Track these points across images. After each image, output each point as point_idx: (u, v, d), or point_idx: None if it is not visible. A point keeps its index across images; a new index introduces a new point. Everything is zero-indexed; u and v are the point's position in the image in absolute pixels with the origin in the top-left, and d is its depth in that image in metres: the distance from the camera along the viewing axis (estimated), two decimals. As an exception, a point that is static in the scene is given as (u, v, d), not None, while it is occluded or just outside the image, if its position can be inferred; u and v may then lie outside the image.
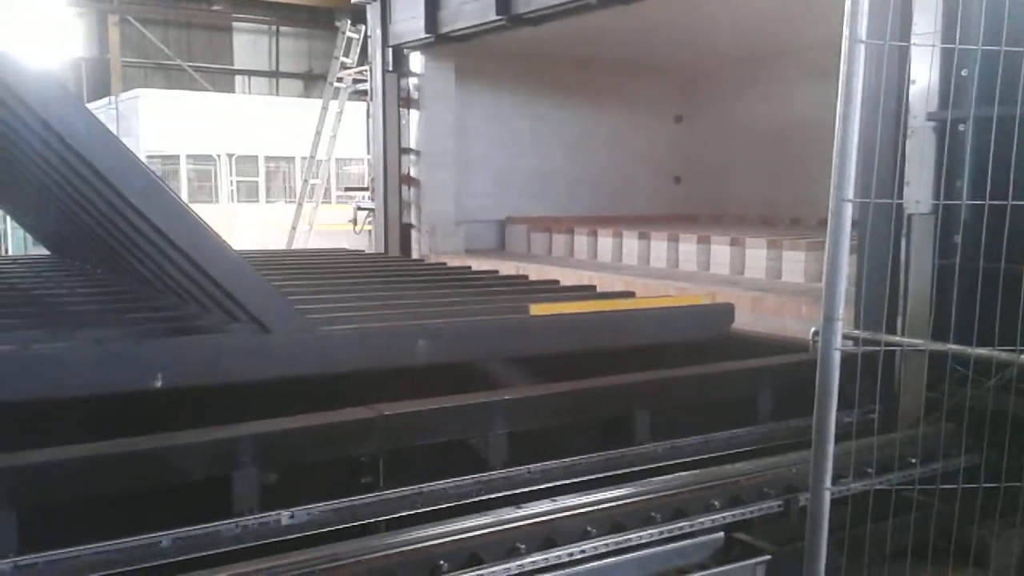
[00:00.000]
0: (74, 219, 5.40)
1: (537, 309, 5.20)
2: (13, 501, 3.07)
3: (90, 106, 23.17)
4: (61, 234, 7.42)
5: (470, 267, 8.18)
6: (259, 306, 4.16)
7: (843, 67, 2.70)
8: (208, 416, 3.65)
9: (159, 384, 3.94)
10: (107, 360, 3.96)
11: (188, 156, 20.91)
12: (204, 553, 3.18)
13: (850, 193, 2.74)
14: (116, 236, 4.69)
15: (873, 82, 4.75)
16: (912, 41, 4.66)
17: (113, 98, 21.79)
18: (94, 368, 3.90)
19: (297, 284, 6.20)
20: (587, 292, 6.47)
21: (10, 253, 17.19)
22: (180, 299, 4.99)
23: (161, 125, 20.45)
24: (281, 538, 3.35)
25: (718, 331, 5.54)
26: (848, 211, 2.75)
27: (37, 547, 3.00)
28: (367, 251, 11.51)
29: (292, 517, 3.42)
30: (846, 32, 2.66)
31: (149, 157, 20.53)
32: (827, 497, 2.94)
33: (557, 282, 7.09)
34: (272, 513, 3.39)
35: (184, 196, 20.80)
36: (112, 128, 20.75)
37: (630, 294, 6.45)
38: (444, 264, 8.54)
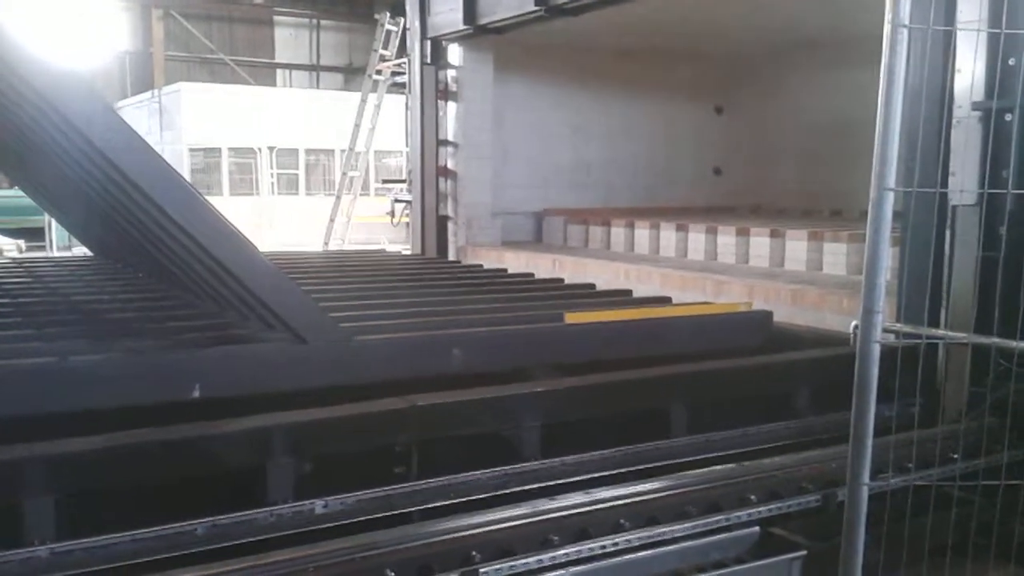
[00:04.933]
0: (115, 226, 5.48)
1: (572, 317, 5.17)
2: (51, 488, 3.12)
3: (133, 100, 23.60)
4: (103, 238, 7.52)
5: (506, 270, 8.17)
6: (295, 317, 4.18)
7: (885, 52, 2.64)
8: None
9: (196, 395, 3.97)
10: (144, 371, 3.98)
11: (229, 149, 21.11)
12: (238, 541, 3.20)
13: (892, 182, 2.68)
14: (156, 244, 4.76)
15: (917, 71, 4.67)
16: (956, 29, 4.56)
17: (156, 92, 22.06)
18: (131, 379, 3.92)
19: (332, 289, 6.22)
20: (623, 298, 6.44)
21: (54, 246, 17.43)
22: (219, 306, 5.03)
23: (203, 118, 20.66)
24: (315, 527, 3.36)
25: (755, 340, 5.49)
26: (889, 200, 2.69)
27: (73, 534, 3.04)
28: (405, 243, 11.56)
29: (326, 506, 3.43)
30: (888, 16, 2.60)
31: (191, 150, 20.80)
32: (864, 492, 2.88)
33: (593, 286, 7.07)
34: (306, 502, 3.41)
35: (225, 189, 21.04)
36: (154, 122, 21.06)
37: (666, 299, 6.41)
38: (480, 266, 8.54)
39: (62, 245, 17.01)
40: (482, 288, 6.62)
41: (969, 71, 4.65)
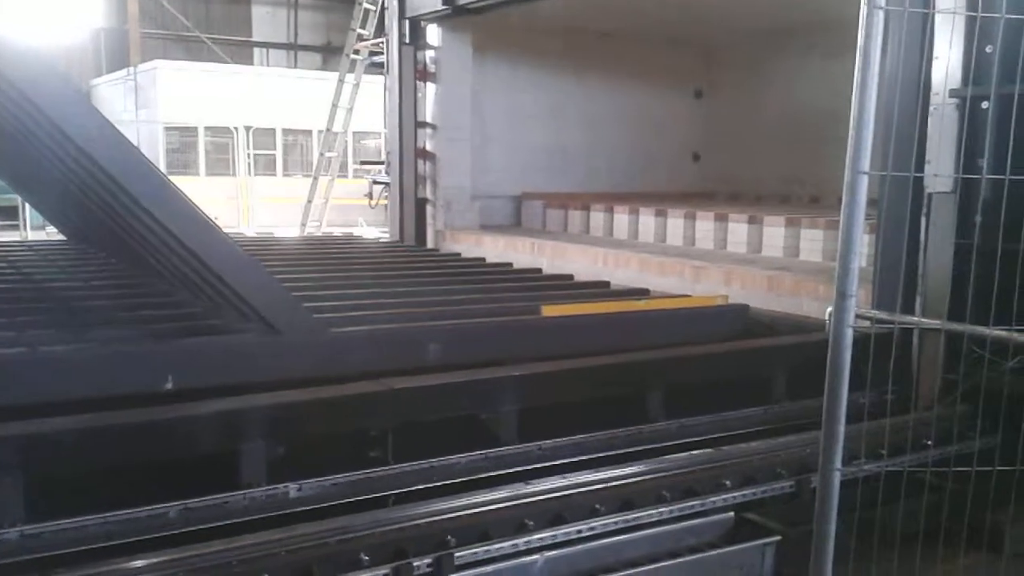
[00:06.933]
0: (89, 213, 5.43)
1: (549, 310, 5.18)
2: (21, 470, 3.08)
3: (108, 77, 23.30)
4: (77, 224, 7.45)
5: (484, 259, 8.17)
6: (269, 307, 4.17)
7: (861, 36, 2.64)
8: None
9: (169, 386, 3.94)
10: (117, 362, 3.96)
11: (206, 128, 20.91)
12: (211, 525, 3.18)
13: (866, 166, 2.68)
14: (129, 233, 4.72)
15: (895, 58, 4.68)
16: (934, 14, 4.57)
17: (131, 69, 21.79)
18: (103, 371, 3.90)
19: (308, 278, 6.20)
20: (600, 289, 6.46)
21: (28, 226, 17.23)
22: (193, 295, 4.99)
23: (179, 97, 20.45)
24: (289, 511, 3.35)
25: (732, 334, 5.54)
26: (864, 184, 2.69)
27: (44, 517, 3.01)
28: (383, 225, 11.50)
29: (300, 490, 3.43)
30: (864, -1, 2.61)
31: (167, 129, 20.59)
32: (836, 478, 2.90)
33: (571, 277, 7.08)
34: (280, 486, 3.40)
35: (202, 169, 20.86)
36: (130, 100, 20.82)
37: (644, 292, 6.43)
38: (458, 255, 8.54)
39: (36, 225, 16.82)
40: (459, 279, 6.63)
41: (946, 58, 4.66)
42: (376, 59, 13.66)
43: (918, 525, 3.54)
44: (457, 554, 3.11)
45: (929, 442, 4.21)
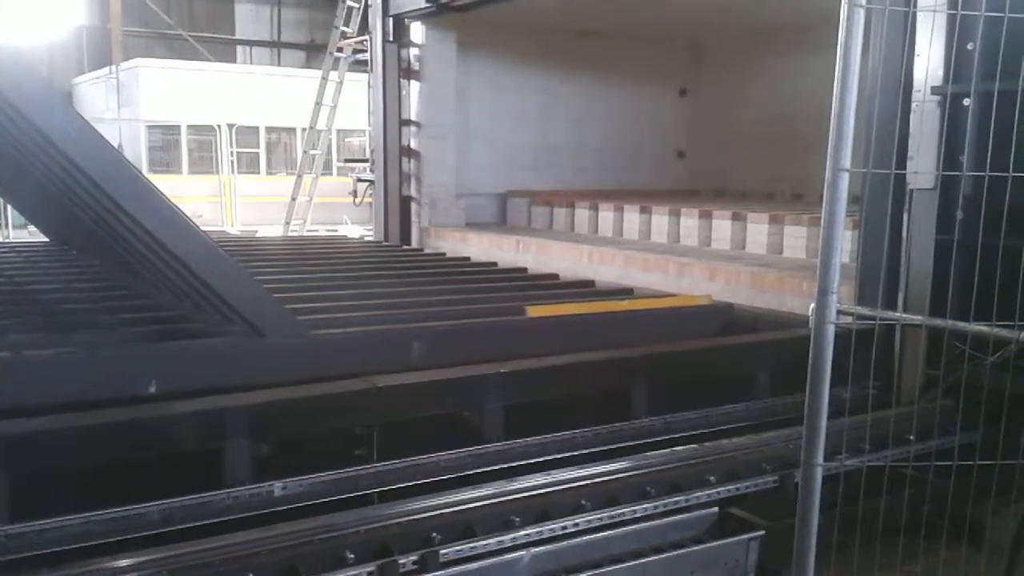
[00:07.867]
0: (70, 215, 5.39)
1: (534, 311, 5.19)
2: (4, 470, 3.07)
3: (90, 76, 23.17)
4: (59, 225, 7.41)
5: (468, 259, 8.17)
6: (252, 310, 4.15)
7: (841, 32, 2.65)
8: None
9: (152, 390, 3.91)
10: (99, 366, 3.93)
11: (188, 127, 20.83)
12: (195, 524, 3.18)
13: (847, 163, 2.69)
14: (111, 236, 4.69)
15: (876, 56, 4.71)
16: (915, 12, 4.60)
17: (114, 67, 21.67)
18: (86, 375, 3.87)
19: (291, 279, 6.18)
20: (585, 289, 6.47)
21: (10, 225, 17.11)
22: (176, 298, 4.97)
23: (162, 95, 20.38)
24: (273, 509, 3.35)
25: (715, 332, 5.56)
26: (844, 181, 2.71)
27: (27, 517, 2.99)
28: (368, 223, 11.46)
29: (284, 488, 3.42)
30: (845, -4, 2.62)
31: (149, 127, 20.50)
32: (818, 473, 2.91)
33: (556, 276, 7.09)
34: (264, 484, 3.39)
35: (184, 167, 20.78)
36: (112, 98, 20.70)
37: (628, 291, 6.45)
38: (443, 255, 8.54)
39: (18, 224, 16.71)
40: (444, 279, 6.62)
41: (927, 55, 4.69)
42: (360, 57, 13.63)
43: (900, 519, 3.57)
44: (442, 551, 3.12)
45: (911, 437, 4.25)
